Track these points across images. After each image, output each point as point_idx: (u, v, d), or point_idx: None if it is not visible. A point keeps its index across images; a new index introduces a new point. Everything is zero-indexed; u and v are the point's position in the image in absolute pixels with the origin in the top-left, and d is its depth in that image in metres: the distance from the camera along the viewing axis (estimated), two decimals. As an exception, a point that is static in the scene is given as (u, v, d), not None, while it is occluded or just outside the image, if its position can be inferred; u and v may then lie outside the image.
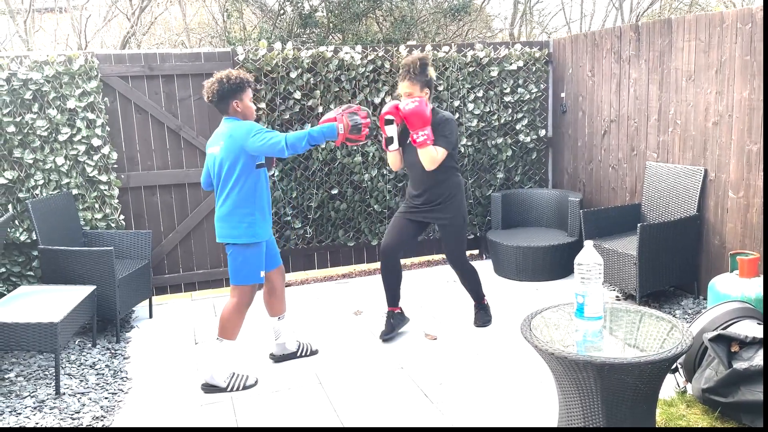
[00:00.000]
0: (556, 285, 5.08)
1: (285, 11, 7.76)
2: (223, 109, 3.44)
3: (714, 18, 4.22)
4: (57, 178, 4.64)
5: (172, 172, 5.04)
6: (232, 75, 3.39)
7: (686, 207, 4.51)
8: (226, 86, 3.37)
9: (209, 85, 3.41)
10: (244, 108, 3.44)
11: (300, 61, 5.10)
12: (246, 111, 3.45)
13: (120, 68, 4.80)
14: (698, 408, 3.08)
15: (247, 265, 3.46)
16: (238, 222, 3.42)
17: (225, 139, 3.38)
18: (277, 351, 3.87)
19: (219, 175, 3.43)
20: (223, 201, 3.44)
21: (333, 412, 3.24)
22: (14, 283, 4.61)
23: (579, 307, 2.69)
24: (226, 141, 3.37)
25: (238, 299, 3.49)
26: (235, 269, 3.47)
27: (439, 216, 4.01)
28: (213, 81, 3.40)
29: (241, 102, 3.42)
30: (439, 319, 4.44)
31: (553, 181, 6.12)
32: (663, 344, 2.56)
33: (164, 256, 5.12)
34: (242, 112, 3.44)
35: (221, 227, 3.47)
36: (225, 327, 3.49)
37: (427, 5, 8.80)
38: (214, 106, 3.46)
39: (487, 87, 5.68)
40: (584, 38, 5.47)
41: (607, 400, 2.49)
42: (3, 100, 4.44)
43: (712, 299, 3.71)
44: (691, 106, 4.46)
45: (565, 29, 11.23)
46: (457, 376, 3.58)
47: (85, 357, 3.99)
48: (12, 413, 3.29)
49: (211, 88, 3.39)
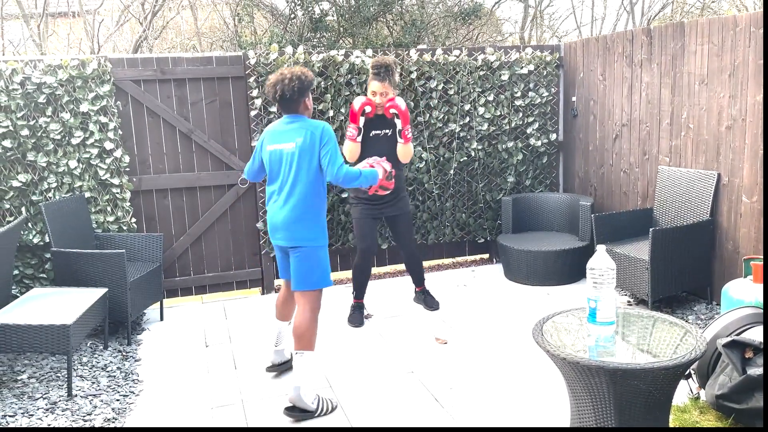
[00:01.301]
0: (567, 289, 5.05)
1: (296, 15, 7.79)
2: (293, 107, 3.29)
3: (727, 22, 4.19)
4: (70, 181, 4.67)
5: (184, 176, 5.06)
6: (305, 72, 3.28)
7: (699, 211, 4.48)
8: (305, 83, 3.25)
9: (287, 82, 3.22)
10: (309, 106, 3.40)
11: (311, 65, 5.11)
12: (309, 109, 3.40)
13: (132, 72, 4.83)
14: (712, 414, 3.05)
15: (320, 268, 3.29)
16: (314, 223, 3.26)
17: (304, 136, 3.22)
18: (276, 359, 3.73)
19: (289, 173, 3.24)
20: (295, 201, 3.23)
21: (343, 416, 3.23)
22: (27, 285, 4.64)
23: (591, 311, 2.67)
24: (306, 138, 3.22)
25: (312, 305, 3.28)
26: (306, 273, 3.26)
27: (402, 207, 4.42)
28: (291, 78, 3.23)
29: (308, 99, 3.37)
30: (449, 324, 4.43)
31: (564, 185, 6.09)
32: (676, 350, 2.54)
33: (175, 259, 5.15)
34: (309, 110, 3.39)
35: (294, 230, 3.25)
36: (303, 337, 3.24)
37: (438, 9, 8.81)
38: (281, 103, 3.29)
39: (498, 91, 5.67)
40: (596, 42, 5.46)
41: (619, 406, 2.47)
42: (17, 103, 4.48)
43: (726, 305, 3.68)
44: (704, 110, 4.43)
45: (575, 33, 11.20)
46: (468, 380, 3.57)
47: (96, 359, 4.01)
48: (24, 415, 3.31)
49: (291, 86, 3.22)
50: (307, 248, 3.27)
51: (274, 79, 3.27)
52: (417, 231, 5.63)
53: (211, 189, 5.16)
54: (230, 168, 5.15)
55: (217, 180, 5.14)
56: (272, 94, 3.27)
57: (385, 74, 4.15)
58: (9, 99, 4.46)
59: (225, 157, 5.12)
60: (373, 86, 4.18)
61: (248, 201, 5.25)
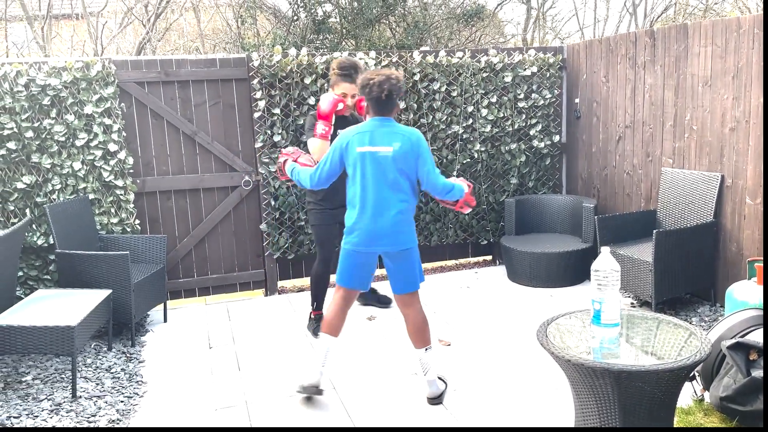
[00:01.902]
0: (571, 291, 5.05)
1: (298, 17, 7.80)
2: (389, 109, 3.24)
3: (731, 23, 4.19)
4: (74, 183, 4.68)
5: (187, 177, 5.07)
6: (401, 75, 3.26)
7: (703, 213, 4.47)
8: (403, 87, 3.25)
9: (395, 82, 3.17)
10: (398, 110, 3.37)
11: (314, 66, 5.12)
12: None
13: (136, 74, 4.84)
14: (716, 416, 3.04)
15: (419, 265, 3.36)
16: (412, 225, 3.31)
17: (402, 142, 3.18)
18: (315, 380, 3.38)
19: (386, 176, 3.18)
20: (397, 205, 3.20)
21: (347, 417, 3.24)
22: (31, 286, 4.65)
23: (596, 313, 2.67)
24: (405, 144, 3.18)
25: (420, 302, 3.36)
26: (414, 273, 3.31)
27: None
28: (397, 78, 3.19)
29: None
30: (453, 325, 4.43)
31: (567, 187, 6.09)
32: (681, 352, 2.54)
33: (179, 261, 5.15)
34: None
35: (400, 233, 3.23)
36: (424, 334, 3.33)
37: (440, 11, 8.82)
38: (381, 103, 3.21)
39: (501, 93, 5.67)
40: (599, 44, 5.46)
41: (624, 408, 2.47)
42: (22, 105, 4.49)
43: (730, 307, 3.67)
44: (708, 111, 4.43)
45: (578, 35, 11.20)
46: (472, 382, 3.57)
47: (101, 360, 4.02)
48: (29, 416, 3.32)
49: (398, 86, 3.19)
50: (412, 249, 3.29)
51: (378, 78, 3.16)
52: (420, 233, 5.63)
53: (215, 191, 5.17)
54: (234, 170, 5.16)
55: (220, 182, 5.14)
56: (378, 93, 3.16)
57: (355, 75, 4.02)
58: (13, 101, 4.47)
59: (228, 159, 5.13)
60: (344, 88, 4.06)
61: (252, 203, 5.25)
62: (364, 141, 3.21)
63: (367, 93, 3.20)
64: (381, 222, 3.20)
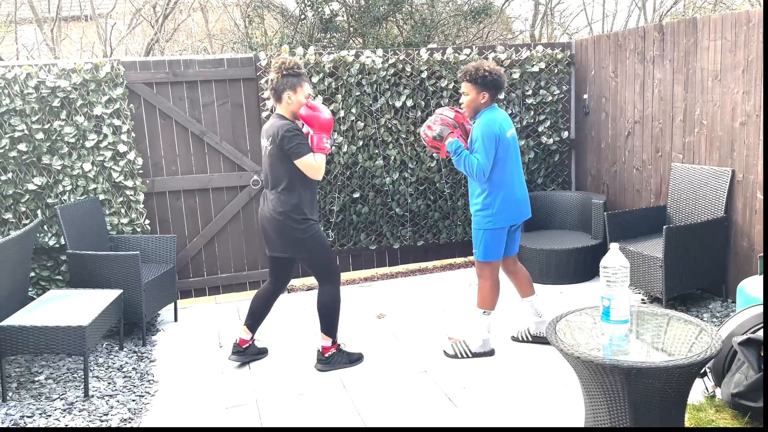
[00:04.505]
0: (580, 288, 5.03)
1: (306, 16, 7.81)
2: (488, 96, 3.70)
3: (740, 17, 4.16)
4: (84, 184, 4.72)
5: (197, 177, 5.10)
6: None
7: (713, 209, 4.44)
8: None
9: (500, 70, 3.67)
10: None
11: (321, 65, 5.12)
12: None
13: (145, 75, 4.87)
14: (728, 413, 3.03)
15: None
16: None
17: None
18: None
19: (518, 154, 3.77)
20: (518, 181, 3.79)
21: (357, 416, 3.24)
22: (43, 287, 4.69)
23: (605, 310, 2.66)
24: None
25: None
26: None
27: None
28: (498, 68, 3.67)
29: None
30: (462, 322, 4.42)
31: (576, 183, 6.06)
32: (691, 348, 2.52)
33: (189, 260, 5.18)
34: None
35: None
36: (532, 284, 4.07)
37: (448, 8, 8.79)
38: (499, 91, 3.69)
39: (509, 89, 5.66)
40: (607, 39, 5.43)
41: (634, 405, 2.46)
42: (32, 107, 4.53)
43: (741, 302, 3.65)
44: (718, 106, 4.40)
45: (586, 30, 11.13)
46: (481, 379, 3.57)
47: (112, 360, 4.05)
48: (42, 415, 3.35)
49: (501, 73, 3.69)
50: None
51: (498, 69, 3.65)
52: (429, 230, 5.63)
53: (224, 190, 5.19)
54: (242, 169, 5.17)
55: (229, 181, 5.16)
56: (504, 81, 3.68)
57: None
58: (24, 103, 4.51)
59: (237, 159, 5.15)
60: (307, 89, 3.61)
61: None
62: (508, 126, 3.67)
63: (495, 82, 3.61)
64: (525, 191, 3.78)
